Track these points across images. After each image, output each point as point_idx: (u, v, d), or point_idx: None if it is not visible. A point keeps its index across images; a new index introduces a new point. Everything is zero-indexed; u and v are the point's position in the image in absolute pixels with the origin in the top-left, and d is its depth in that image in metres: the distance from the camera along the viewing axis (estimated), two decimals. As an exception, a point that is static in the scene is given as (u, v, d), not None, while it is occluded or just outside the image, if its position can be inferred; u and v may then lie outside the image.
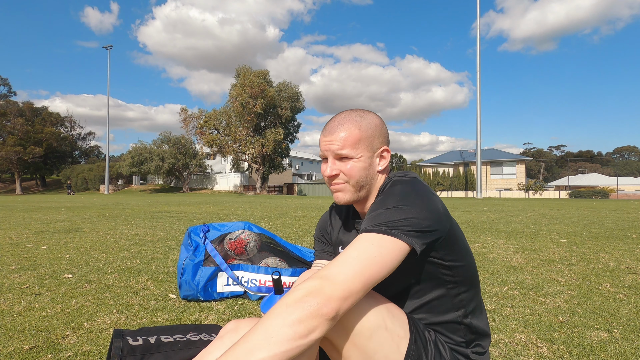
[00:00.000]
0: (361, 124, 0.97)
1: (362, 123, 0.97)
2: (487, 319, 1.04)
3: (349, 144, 0.94)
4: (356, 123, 0.96)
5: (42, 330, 1.70)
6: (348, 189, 0.98)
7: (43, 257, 3.42)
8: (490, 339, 1.02)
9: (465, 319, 0.95)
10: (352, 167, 0.95)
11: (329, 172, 0.97)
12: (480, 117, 27.79)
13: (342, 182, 0.97)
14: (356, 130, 0.96)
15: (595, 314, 1.94)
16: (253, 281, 2.27)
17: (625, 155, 75.90)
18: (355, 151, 0.95)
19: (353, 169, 0.95)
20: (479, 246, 4.11)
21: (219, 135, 39.15)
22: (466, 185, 33.79)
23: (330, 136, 0.96)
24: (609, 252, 3.74)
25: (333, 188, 1.00)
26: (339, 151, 0.95)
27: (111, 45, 45.16)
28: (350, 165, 0.95)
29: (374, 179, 1.00)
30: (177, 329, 1.52)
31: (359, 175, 0.96)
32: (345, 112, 1.00)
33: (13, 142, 43.10)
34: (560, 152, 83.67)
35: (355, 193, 0.98)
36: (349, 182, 0.97)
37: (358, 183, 0.97)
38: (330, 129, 0.97)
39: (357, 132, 0.96)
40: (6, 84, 53.15)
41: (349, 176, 0.96)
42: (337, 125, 0.96)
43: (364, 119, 0.98)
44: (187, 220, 7.36)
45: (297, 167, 54.58)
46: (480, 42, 28.54)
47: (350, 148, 0.95)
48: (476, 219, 7.73)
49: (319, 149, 1.01)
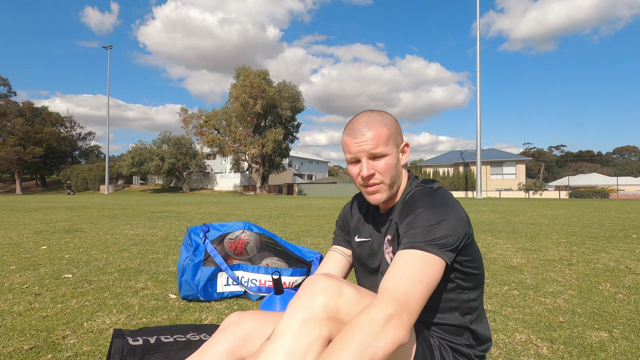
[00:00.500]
0: (385, 122, 1.00)
1: (386, 121, 1.01)
2: (488, 324, 1.06)
3: (382, 142, 0.97)
4: (381, 121, 0.99)
5: (42, 330, 1.70)
6: (384, 188, 1.01)
7: (43, 257, 3.42)
8: (491, 343, 1.04)
9: (471, 325, 0.98)
10: (385, 164, 0.98)
11: (366, 172, 0.98)
12: (480, 117, 27.81)
13: (378, 182, 1.00)
14: (384, 128, 0.99)
15: (595, 314, 1.94)
16: (253, 281, 2.27)
17: (625, 155, 75.89)
18: (386, 148, 0.98)
19: (387, 166, 0.99)
20: (479, 246, 4.11)
21: (219, 135, 39.13)
22: (466, 185, 33.77)
23: (362, 137, 0.98)
24: (609, 252, 3.74)
25: (370, 190, 1.02)
26: (374, 150, 0.97)
27: (111, 45, 45.19)
28: (384, 162, 0.98)
29: (401, 173, 1.05)
30: (177, 329, 1.52)
31: (392, 172, 1.00)
32: (366, 114, 1.02)
33: (13, 142, 43.09)
34: (560, 152, 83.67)
35: (390, 191, 1.02)
36: (384, 180, 1.00)
37: (392, 180, 1.01)
38: (359, 130, 0.99)
39: (385, 129, 0.99)
40: (6, 84, 53.14)
41: (384, 174, 0.99)
42: (365, 126, 0.99)
43: (385, 117, 1.01)
44: (187, 220, 7.36)
45: (297, 167, 54.57)
46: (480, 42, 28.55)
47: (383, 146, 0.98)
48: (476, 219, 7.73)
49: (347, 152, 1.02)
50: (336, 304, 0.83)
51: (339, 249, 1.23)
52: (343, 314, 0.83)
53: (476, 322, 0.99)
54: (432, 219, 0.88)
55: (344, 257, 1.22)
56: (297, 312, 0.82)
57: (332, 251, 1.24)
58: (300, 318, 0.81)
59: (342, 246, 1.23)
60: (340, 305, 0.83)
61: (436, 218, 0.88)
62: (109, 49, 42.86)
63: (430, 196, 0.95)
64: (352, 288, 0.88)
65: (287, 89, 38.45)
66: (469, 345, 0.97)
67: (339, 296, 0.84)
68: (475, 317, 0.99)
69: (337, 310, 0.82)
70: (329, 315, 0.81)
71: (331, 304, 0.82)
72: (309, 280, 0.89)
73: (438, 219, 0.88)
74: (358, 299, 0.86)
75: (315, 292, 0.84)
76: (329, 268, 1.18)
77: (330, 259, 1.21)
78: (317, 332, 0.80)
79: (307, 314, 0.81)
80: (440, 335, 0.97)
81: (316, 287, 0.85)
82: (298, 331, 0.79)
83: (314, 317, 0.81)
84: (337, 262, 1.20)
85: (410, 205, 0.95)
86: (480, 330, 0.99)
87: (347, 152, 1.02)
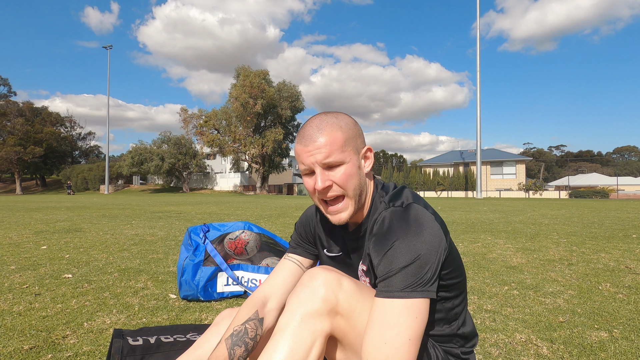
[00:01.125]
0: (340, 125, 0.88)
1: (341, 123, 0.89)
2: (472, 320, 1.03)
3: (336, 148, 0.85)
4: (335, 124, 0.87)
5: (42, 330, 1.70)
6: (346, 204, 0.89)
7: (43, 257, 3.42)
8: (477, 338, 1.01)
9: (458, 330, 0.95)
10: (344, 173, 0.86)
11: (320, 185, 0.86)
12: (480, 117, 27.82)
13: (338, 194, 0.88)
14: (338, 132, 0.86)
15: (595, 314, 1.94)
16: (253, 281, 2.27)
17: (625, 155, 75.93)
18: (343, 155, 0.86)
19: (346, 175, 0.86)
20: (479, 246, 4.11)
21: (219, 135, 39.16)
22: (466, 185, 33.77)
23: (313, 144, 0.86)
24: (609, 252, 3.74)
25: (332, 209, 0.90)
26: (327, 159, 0.85)
27: (111, 45, 45.25)
28: (342, 171, 0.86)
29: (365, 183, 0.93)
30: (177, 329, 1.52)
31: (353, 182, 0.88)
32: (318, 117, 0.90)
33: (13, 142, 43.11)
34: (560, 152, 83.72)
35: (355, 205, 0.90)
36: (347, 193, 0.88)
37: (354, 191, 0.88)
38: (309, 136, 0.87)
39: (340, 133, 0.87)
40: (6, 84, 53.20)
41: (343, 185, 0.87)
42: (316, 131, 0.86)
43: (340, 119, 0.89)
44: (187, 220, 7.36)
45: (297, 167, 54.46)
46: (481, 42, 28.57)
47: (339, 152, 0.85)
48: (476, 219, 7.73)
49: (300, 163, 0.89)
50: (336, 297, 0.82)
51: (295, 259, 1.09)
52: (343, 308, 0.82)
53: (463, 325, 0.96)
54: (410, 256, 0.78)
55: (300, 268, 1.08)
56: (298, 307, 0.81)
57: (286, 260, 1.09)
58: (301, 313, 0.80)
59: (300, 255, 1.10)
60: (340, 298, 0.82)
61: (412, 254, 0.78)
62: (109, 49, 42.92)
63: (403, 221, 0.83)
64: (351, 282, 0.87)
65: (287, 88, 38.47)
66: (457, 346, 0.96)
67: (339, 289, 0.83)
68: (462, 322, 0.95)
69: (337, 303, 0.81)
70: (329, 309, 0.81)
71: (331, 298, 0.81)
72: (307, 274, 0.87)
73: (415, 253, 0.78)
74: (357, 293, 0.85)
75: (315, 286, 0.82)
76: (281, 279, 1.04)
77: (284, 269, 1.06)
78: (319, 326, 0.79)
79: (307, 309, 0.80)
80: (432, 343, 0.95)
81: (316, 281, 0.83)
82: (300, 327, 0.79)
83: (315, 311, 0.80)
84: (291, 274, 1.05)
85: (383, 236, 0.84)
86: (467, 332, 0.96)
87: (299, 163, 0.89)
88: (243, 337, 0.90)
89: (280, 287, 1.02)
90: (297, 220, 1.18)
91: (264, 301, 0.99)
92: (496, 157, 35.69)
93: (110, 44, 47.59)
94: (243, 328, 0.91)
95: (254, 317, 0.94)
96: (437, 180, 35.25)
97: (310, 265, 1.11)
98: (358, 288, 0.86)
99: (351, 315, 0.83)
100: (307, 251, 1.11)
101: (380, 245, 0.83)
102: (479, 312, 1.98)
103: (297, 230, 1.15)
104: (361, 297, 0.85)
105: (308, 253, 1.11)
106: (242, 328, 0.91)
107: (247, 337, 0.90)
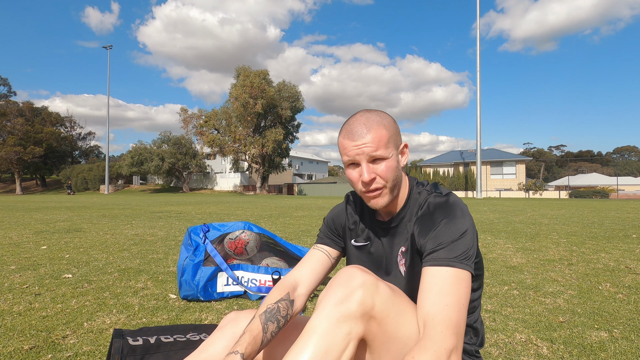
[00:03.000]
0: (385, 123, 0.96)
1: (385, 122, 0.96)
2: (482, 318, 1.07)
3: (382, 145, 0.93)
4: (380, 123, 0.95)
5: (42, 330, 1.70)
6: (385, 192, 0.97)
7: (43, 257, 3.42)
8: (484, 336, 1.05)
9: (474, 323, 0.98)
10: (386, 167, 0.94)
11: (367, 177, 0.93)
12: (480, 117, 27.80)
13: (380, 186, 0.95)
14: (384, 130, 0.94)
15: (595, 314, 1.94)
16: (253, 281, 2.27)
17: (625, 155, 75.86)
18: (387, 151, 0.94)
19: (388, 169, 0.94)
20: (479, 246, 4.11)
21: (219, 135, 39.14)
22: (466, 185, 33.76)
23: (362, 139, 0.93)
24: (609, 252, 3.74)
25: (371, 195, 0.97)
26: (374, 152, 0.92)
27: (111, 45, 45.24)
28: (384, 165, 0.94)
29: (402, 176, 1.02)
30: (177, 329, 1.52)
31: (394, 175, 0.96)
32: (364, 114, 0.97)
33: (13, 142, 43.08)
34: (560, 152, 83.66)
35: (391, 195, 0.98)
36: (386, 184, 0.96)
37: (393, 183, 0.97)
38: (358, 132, 0.94)
39: (385, 131, 0.94)
40: (6, 84, 53.14)
41: (385, 178, 0.95)
42: (364, 128, 0.94)
43: (384, 118, 0.97)
44: (187, 220, 7.36)
45: (297, 167, 54.57)
46: (481, 42, 28.55)
47: (384, 148, 0.93)
48: (476, 218, 7.73)
49: (345, 155, 0.97)
50: (372, 301, 0.81)
51: (324, 249, 1.16)
52: (378, 312, 0.82)
53: (478, 321, 1.00)
54: (455, 233, 0.88)
55: (328, 258, 1.14)
56: (334, 307, 0.80)
57: (315, 250, 1.16)
58: (337, 314, 0.79)
59: (328, 246, 1.16)
60: (377, 302, 0.82)
61: (458, 231, 0.88)
62: (109, 49, 42.89)
63: (447, 205, 0.94)
64: (386, 286, 0.87)
65: (287, 88, 38.46)
66: (470, 343, 0.98)
67: (375, 293, 0.82)
68: (477, 317, 1.00)
69: (372, 307, 0.81)
70: (364, 312, 0.80)
71: (368, 301, 0.80)
72: (345, 274, 0.87)
73: (460, 232, 0.88)
74: (392, 298, 0.85)
75: (353, 287, 0.82)
76: (311, 267, 1.10)
77: (313, 258, 1.13)
78: (354, 329, 0.79)
79: (344, 310, 0.79)
80: None
81: (353, 282, 0.83)
82: (335, 327, 0.78)
83: (351, 314, 0.79)
84: (320, 263, 1.12)
85: (430, 217, 0.93)
86: (479, 326, 1.01)
87: (344, 155, 0.97)
88: (276, 314, 0.95)
89: (310, 275, 1.08)
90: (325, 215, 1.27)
91: (295, 285, 1.03)
92: (496, 157, 35.67)
93: (110, 44, 47.64)
94: (276, 306, 0.96)
95: (285, 297, 0.98)
96: (437, 180, 35.24)
97: (337, 256, 1.17)
98: (393, 293, 0.87)
99: (384, 319, 0.82)
100: (335, 242, 1.17)
101: (427, 224, 0.93)
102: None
103: (326, 224, 1.21)
104: (395, 302, 0.85)
105: (335, 244, 1.17)
106: (275, 306, 0.96)
107: (279, 315, 0.95)
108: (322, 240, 1.18)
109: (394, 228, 1.04)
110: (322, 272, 1.11)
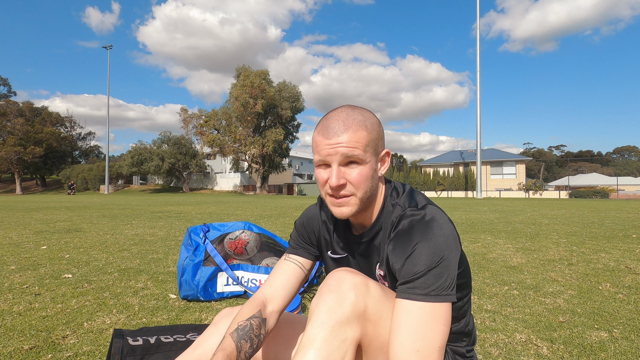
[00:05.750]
0: (367, 124, 0.85)
1: (367, 123, 0.85)
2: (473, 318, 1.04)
3: (360, 147, 0.83)
4: (362, 123, 0.84)
5: (42, 330, 1.70)
6: (353, 202, 0.86)
7: (43, 257, 3.42)
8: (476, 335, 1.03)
9: (465, 328, 0.95)
10: (359, 174, 0.84)
11: (334, 182, 0.83)
12: (480, 117, 27.82)
13: (348, 194, 0.85)
14: (364, 131, 0.84)
15: (595, 314, 1.94)
16: (253, 281, 2.27)
17: (625, 155, 75.83)
18: (364, 155, 0.83)
19: (361, 177, 0.84)
20: (479, 246, 4.11)
21: (219, 135, 39.15)
22: (466, 185, 33.77)
23: (337, 138, 0.82)
24: (609, 252, 3.74)
25: (337, 202, 0.87)
26: (347, 156, 0.83)
27: (111, 45, 45.30)
28: (358, 172, 0.84)
29: (377, 187, 0.91)
30: (177, 329, 1.52)
31: (366, 185, 0.85)
32: (344, 110, 0.86)
33: (13, 142, 43.08)
34: (560, 152, 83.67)
35: (360, 206, 0.88)
36: (356, 194, 0.85)
37: (365, 194, 0.86)
38: (334, 129, 0.83)
39: (365, 133, 0.84)
40: (6, 84, 53.22)
41: (356, 186, 0.84)
42: (342, 125, 0.83)
43: (367, 118, 0.86)
44: (187, 220, 7.36)
45: (297, 167, 54.55)
46: (481, 42, 28.56)
47: (361, 152, 0.83)
48: (476, 219, 7.73)
49: (316, 153, 0.86)
50: (365, 303, 0.79)
51: (296, 260, 1.05)
52: (371, 313, 0.80)
53: (468, 324, 0.96)
54: (433, 259, 0.78)
55: (301, 270, 1.04)
56: (327, 315, 0.77)
57: (287, 261, 1.05)
58: (331, 322, 0.76)
59: (300, 256, 1.06)
60: (369, 303, 0.80)
61: (436, 256, 0.78)
62: (109, 49, 42.92)
63: (422, 224, 0.82)
64: (377, 285, 0.85)
65: (288, 88, 38.48)
66: (462, 345, 0.97)
67: (367, 294, 0.80)
68: (468, 320, 0.97)
69: (365, 309, 0.79)
70: (357, 314, 0.78)
71: (360, 304, 0.79)
72: (334, 278, 0.83)
73: (438, 257, 0.78)
74: (384, 298, 0.84)
75: (344, 292, 0.79)
76: (282, 282, 1.01)
77: (285, 271, 1.03)
78: (350, 334, 0.77)
79: (337, 316, 0.77)
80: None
81: (344, 286, 0.80)
82: (331, 336, 0.75)
83: (345, 319, 0.77)
84: (292, 276, 1.03)
85: (404, 239, 0.82)
86: (471, 329, 0.98)
87: (315, 153, 0.87)
88: (249, 332, 0.89)
89: (281, 290, 1.00)
90: (296, 219, 1.13)
91: (265, 303, 0.97)
92: (496, 157, 35.68)
93: (111, 44, 47.73)
94: (248, 324, 0.90)
95: (257, 315, 0.92)
96: (437, 180, 35.23)
97: (310, 266, 1.08)
98: (384, 292, 0.85)
99: (378, 320, 0.81)
100: (308, 252, 1.08)
101: (401, 248, 0.82)
102: (479, 312, 1.98)
103: (297, 230, 1.10)
104: (387, 301, 0.83)
105: (309, 254, 1.08)
106: (247, 324, 0.90)
107: (252, 334, 0.89)
108: (294, 250, 1.08)
109: (365, 243, 0.96)
110: (294, 286, 1.03)
